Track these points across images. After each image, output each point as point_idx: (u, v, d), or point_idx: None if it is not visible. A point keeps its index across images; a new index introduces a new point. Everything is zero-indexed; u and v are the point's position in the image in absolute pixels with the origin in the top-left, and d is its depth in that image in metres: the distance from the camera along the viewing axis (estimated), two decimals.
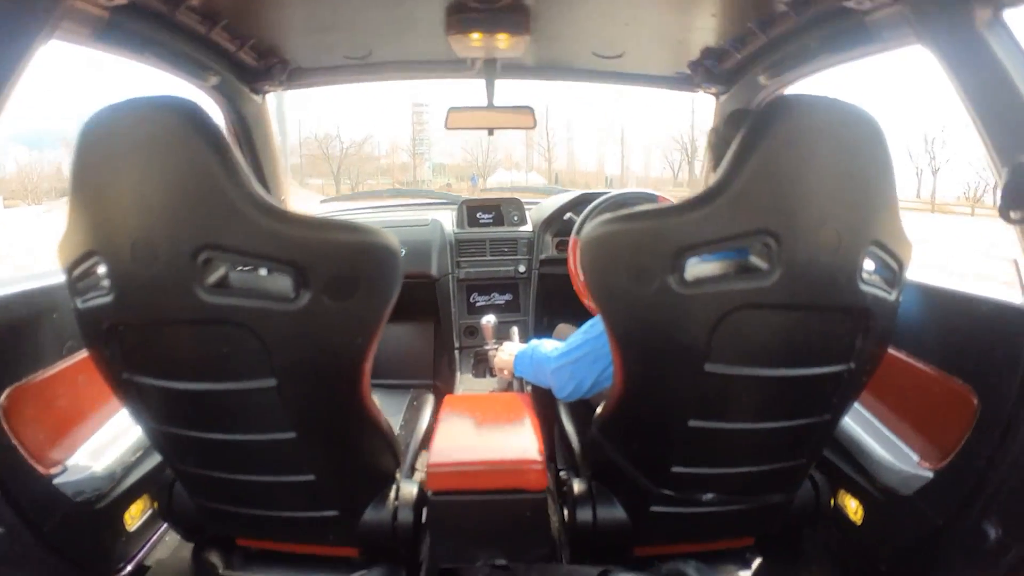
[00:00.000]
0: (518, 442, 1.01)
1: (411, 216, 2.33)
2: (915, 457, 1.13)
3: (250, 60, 1.67)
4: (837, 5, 1.15)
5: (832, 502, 1.20)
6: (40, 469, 1.05)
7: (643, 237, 0.81)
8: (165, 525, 1.30)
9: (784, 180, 0.77)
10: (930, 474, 1.08)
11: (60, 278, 0.84)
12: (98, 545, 1.16)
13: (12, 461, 1.00)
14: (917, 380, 1.14)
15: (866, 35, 1.16)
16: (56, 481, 1.07)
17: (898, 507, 1.13)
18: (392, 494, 1.05)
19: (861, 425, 1.24)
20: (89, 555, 1.13)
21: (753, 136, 0.76)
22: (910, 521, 1.11)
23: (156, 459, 1.24)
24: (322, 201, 2.67)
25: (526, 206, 2.27)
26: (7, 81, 0.92)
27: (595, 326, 1.11)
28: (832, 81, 1.55)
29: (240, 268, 0.83)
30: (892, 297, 0.86)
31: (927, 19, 0.99)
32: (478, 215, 2.22)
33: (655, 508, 1.02)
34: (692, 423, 0.90)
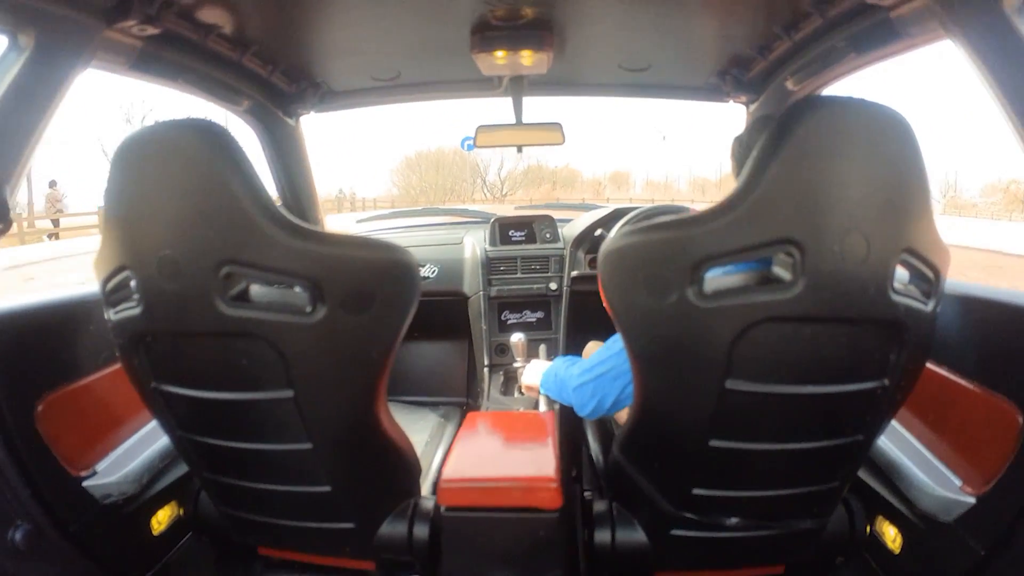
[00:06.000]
0: (534, 460, 0.99)
1: (444, 234, 2.35)
2: (957, 481, 1.05)
3: (282, 84, 1.73)
4: (861, 1, 1.12)
5: (868, 529, 1.14)
6: (70, 471, 1.08)
7: (661, 249, 0.79)
8: (191, 532, 1.32)
9: (807, 185, 0.73)
10: (972, 500, 1.01)
11: (96, 291, 0.88)
12: (123, 547, 1.18)
13: (43, 462, 1.04)
14: (958, 397, 1.07)
15: (892, 32, 1.12)
16: (85, 483, 1.10)
17: (939, 535, 1.05)
18: (410, 509, 1.04)
19: (899, 446, 1.17)
20: (114, 557, 1.15)
21: (774, 140, 0.73)
22: (951, 551, 1.04)
23: (184, 468, 1.26)
24: (358, 220, 2.75)
25: (558, 223, 2.27)
26: (47, 108, 0.98)
27: (617, 342, 1.09)
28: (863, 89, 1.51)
29: (276, 284, 0.85)
30: (928, 308, 0.81)
31: (953, 9, 0.94)
32: (510, 233, 2.23)
33: (676, 532, 0.98)
34: (713, 443, 0.86)
